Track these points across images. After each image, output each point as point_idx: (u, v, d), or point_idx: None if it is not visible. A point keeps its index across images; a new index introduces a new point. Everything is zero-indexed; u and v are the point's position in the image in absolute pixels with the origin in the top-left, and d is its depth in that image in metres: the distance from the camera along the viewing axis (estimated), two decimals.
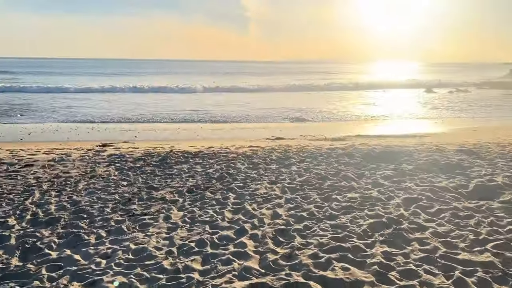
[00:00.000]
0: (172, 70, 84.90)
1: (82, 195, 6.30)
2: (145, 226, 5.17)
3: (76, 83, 41.42)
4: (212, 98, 29.72)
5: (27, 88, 33.91)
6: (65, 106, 24.27)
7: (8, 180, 7.00)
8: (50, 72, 67.36)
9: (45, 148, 10.16)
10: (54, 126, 16.88)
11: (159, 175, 7.42)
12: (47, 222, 5.28)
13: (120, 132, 15.37)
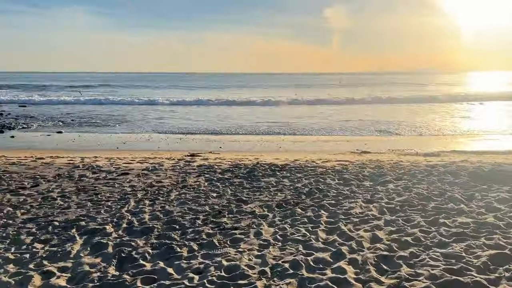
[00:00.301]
0: (253, 83, 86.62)
1: (174, 205, 6.32)
2: (236, 241, 4.97)
3: (167, 96, 43.84)
4: (293, 110, 29.52)
5: (124, 101, 36.53)
6: (157, 117, 25.58)
7: (106, 188, 7.29)
8: (146, 85, 72.26)
9: (139, 157, 10.58)
10: (146, 136, 17.77)
11: (247, 188, 7.26)
12: (142, 232, 5.31)
13: (206, 142, 15.71)
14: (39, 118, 25.14)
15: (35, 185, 7.39)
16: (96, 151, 13.22)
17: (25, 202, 6.48)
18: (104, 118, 25.31)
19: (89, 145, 16.27)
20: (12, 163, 9.33)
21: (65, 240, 5.06)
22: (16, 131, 19.92)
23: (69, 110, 29.61)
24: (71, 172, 8.38)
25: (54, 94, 47.83)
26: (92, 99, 38.28)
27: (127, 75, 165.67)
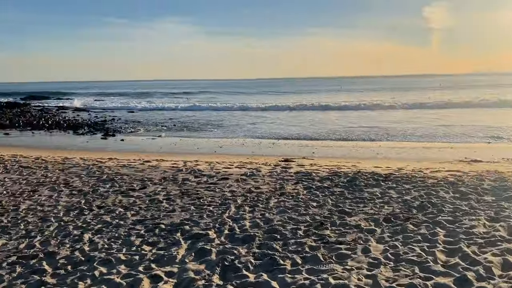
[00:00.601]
0: (347, 87, 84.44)
1: (274, 213, 6.13)
2: (342, 257, 4.59)
3: (260, 101, 44.62)
4: (390, 115, 27.97)
5: (220, 107, 37.92)
6: (250, 122, 26.02)
7: (208, 192, 7.37)
8: (240, 92, 74.59)
9: (237, 162, 10.67)
10: (240, 141, 18.08)
11: (349, 198, 6.81)
12: (243, 240, 5.19)
13: (298, 148, 15.46)
14: (145, 123, 27.03)
15: (143, 187, 7.75)
16: (196, 155, 13.70)
17: (135, 203, 6.79)
18: (203, 123, 26.39)
19: (189, 148, 16.98)
20: (123, 165, 9.98)
21: (170, 244, 5.13)
22: (125, 135, 21.60)
23: (171, 116, 31.47)
24: (175, 176, 8.68)
25: (158, 101, 51.46)
26: (191, 105, 40.34)
27: (223, 82, 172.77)
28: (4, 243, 5.27)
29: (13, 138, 20.75)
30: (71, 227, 5.75)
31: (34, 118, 28.89)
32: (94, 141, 19.21)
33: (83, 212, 6.39)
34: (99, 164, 10.09)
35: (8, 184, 8.14)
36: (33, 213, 6.38)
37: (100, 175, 8.78)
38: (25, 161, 10.60)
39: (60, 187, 7.86)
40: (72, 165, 9.99)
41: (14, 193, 7.52)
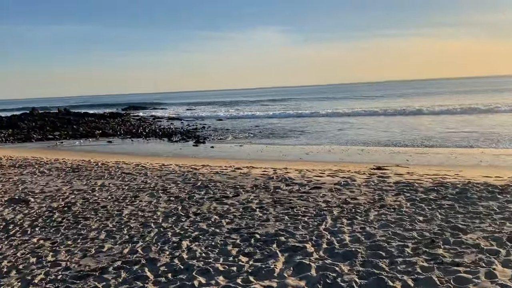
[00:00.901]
0: (440, 90, 78.89)
1: (375, 227, 5.63)
2: (462, 282, 3.99)
3: (344, 107, 43.45)
4: (493, 119, 25.33)
5: (305, 113, 37.57)
6: (336, 128, 25.30)
7: (301, 201, 7.08)
8: (324, 97, 73.59)
9: (327, 170, 10.25)
10: (327, 148, 17.56)
11: (461, 213, 6.05)
12: (344, 255, 4.79)
13: (389, 154, 14.54)
14: (233, 130, 27.65)
15: (236, 194, 7.70)
16: (283, 162, 13.51)
17: (229, 211, 6.72)
18: (288, 130, 26.28)
19: (275, 155, 16.89)
20: (216, 172, 10.10)
21: (267, 255, 4.92)
22: (215, 142, 22.23)
23: (258, 123, 31.87)
24: (267, 183, 8.53)
25: (246, 109, 52.64)
26: (278, 113, 40.53)
27: (308, 88, 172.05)
28: (110, 247, 5.47)
29: (116, 145, 22.45)
30: (169, 234, 5.82)
31: (133, 127, 31.09)
32: (187, 148, 20.02)
33: (181, 219, 6.47)
34: (193, 171, 10.34)
35: (112, 190, 8.63)
36: (135, 219, 6.61)
37: (195, 182, 8.94)
38: (127, 168, 11.25)
39: (158, 193, 8.12)
40: (169, 172, 10.37)
41: (117, 198, 7.92)
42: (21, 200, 8.02)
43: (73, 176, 10.22)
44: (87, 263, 4.99)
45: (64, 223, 6.57)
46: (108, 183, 9.24)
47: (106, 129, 29.86)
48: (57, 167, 11.66)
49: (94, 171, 10.86)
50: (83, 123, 33.64)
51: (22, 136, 27.66)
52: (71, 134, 27.99)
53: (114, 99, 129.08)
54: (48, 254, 5.33)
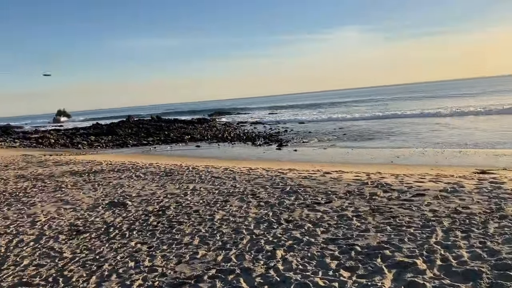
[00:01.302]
0: None
1: (499, 243, 4.79)
2: None
3: (437, 106, 40.48)
4: None
5: (392, 114, 35.62)
6: (428, 130, 23.49)
7: (403, 210, 6.37)
8: (414, 96, 69.53)
9: (428, 175, 9.30)
10: (419, 150, 16.29)
11: None
12: (464, 275, 4.08)
13: (492, 157, 13.00)
14: (315, 133, 27.04)
15: (328, 201, 7.21)
16: (373, 166, 12.67)
17: (322, 219, 6.27)
18: (374, 132, 25.03)
19: (362, 158, 16.04)
20: (304, 177, 9.69)
21: (371, 271, 4.38)
22: (298, 145, 21.85)
23: (341, 125, 30.86)
24: (361, 189, 7.90)
25: (328, 111, 51.58)
26: (363, 115, 39.01)
27: (396, 88, 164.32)
28: (204, 254, 5.33)
29: (203, 150, 23.11)
30: (262, 241, 5.53)
31: (219, 132, 31.91)
32: (270, 152, 19.90)
33: (272, 226, 6.16)
34: (281, 175, 10.03)
35: (203, 194, 8.63)
36: (226, 224, 6.45)
37: (283, 187, 8.61)
38: (216, 172, 11.31)
39: (248, 198, 7.93)
40: (256, 176, 10.18)
41: (209, 202, 7.87)
42: (120, 204, 8.35)
43: (166, 180, 10.49)
44: (183, 270, 4.87)
45: (159, 227, 6.62)
46: (199, 187, 9.29)
47: (194, 134, 31.01)
48: (152, 171, 12.11)
49: (185, 175, 11.07)
50: (174, 129, 35.35)
51: (119, 142, 29.78)
52: (163, 139, 29.49)
53: (197, 106, 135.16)
54: (145, 259, 5.34)
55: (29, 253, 5.93)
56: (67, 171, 13.38)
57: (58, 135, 36.57)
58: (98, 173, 12.50)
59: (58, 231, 6.84)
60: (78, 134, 37.06)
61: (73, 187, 10.47)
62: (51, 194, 9.79)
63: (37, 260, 5.65)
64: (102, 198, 9.01)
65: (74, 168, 13.86)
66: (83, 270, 5.17)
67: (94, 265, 5.28)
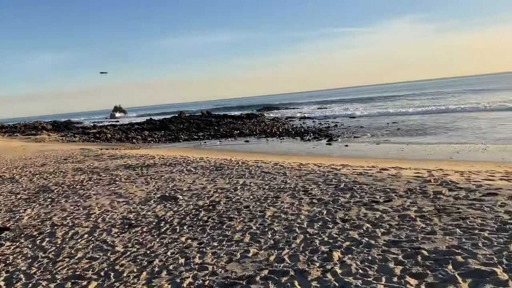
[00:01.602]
0: None
1: None
2: None
3: (500, 99, 37.77)
4: None
5: (450, 109, 33.69)
6: (489, 125, 21.83)
7: (473, 211, 5.73)
8: (473, 89, 65.54)
9: (493, 172, 8.47)
10: (479, 146, 15.15)
11: None
12: None
13: None
14: (367, 128, 26.06)
15: (387, 199, 6.68)
16: (431, 162, 11.87)
17: (382, 219, 5.78)
18: (430, 127, 23.71)
19: (418, 154, 15.17)
20: (359, 173, 9.15)
21: (443, 279, 3.89)
22: (348, 140, 21.11)
23: (395, 120, 29.55)
24: (423, 187, 7.28)
25: (380, 105, 49.80)
26: (417, 109, 37.23)
27: (454, 80, 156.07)
28: (256, 253, 5.05)
29: (252, 144, 22.97)
30: (317, 242, 5.16)
31: (267, 127, 31.68)
32: (320, 147, 19.36)
33: (327, 225, 5.76)
34: (334, 171, 9.55)
35: (253, 189, 8.37)
36: (278, 221, 6.13)
37: (337, 183, 8.15)
38: (266, 167, 11.02)
39: (300, 194, 7.55)
40: (308, 172, 9.77)
41: (259, 198, 7.59)
42: (171, 197, 8.28)
43: (216, 175, 10.35)
44: (234, 269, 4.62)
45: (210, 222, 6.43)
46: (249, 182, 9.04)
47: (243, 129, 31.01)
48: (202, 165, 12.05)
49: (235, 169, 10.87)
50: (223, 124, 35.60)
51: (172, 137, 30.40)
52: (213, 134, 29.76)
53: (246, 101, 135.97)
54: (195, 256, 5.15)
55: (83, 246, 5.96)
56: (122, 164, 13.68)
57: (114, 130, 38.08)
58: (150, 167, 12.64)
59: (111, 224, 6.86)
60: (132, 129, 38.37)
61: (126, 181, 10.61)
62: (105, 187, 9.97)
63: (90, 253, 5.65)
64: (154, 191, 9.02)
65: (128, 162, 14.15)
66: (134, 265, 5.07)
67: (144, 260, 5.17)
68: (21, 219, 7.73)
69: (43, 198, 9.34)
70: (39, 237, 6.54)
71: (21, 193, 10.14)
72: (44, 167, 14.75)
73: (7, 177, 12.90)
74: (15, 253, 5.96)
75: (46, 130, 44.39)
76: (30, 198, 9.53)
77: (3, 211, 8.45)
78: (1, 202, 9.35)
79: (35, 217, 7.80)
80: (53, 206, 8.51)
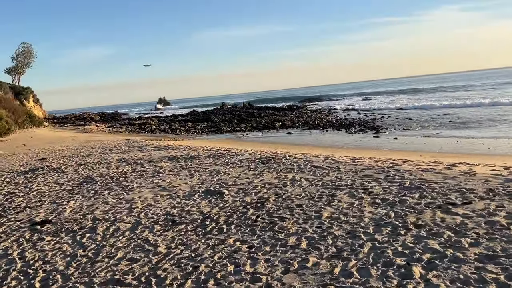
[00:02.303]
0: None
1: None
2: None
3: None
4: None
5: (503, 102, 31.18)
6: None
7: None
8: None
9: None
10: None
11: None
12: None
13: None
14: (416, 120, 24.49)
15: (466, 202, 5.66)
16: (498, 157, 10.57)
17: (465, 226, 4.79)
18: (486, 119, 21.83)
19: (476, 148, 13.83)
20: (425, 169, 8.08)
21: None
22: (397, 133, 19.78)
23: (446, 111, 27.64)
24: (507, 188, 6.16)
25: (429, 97, 47.20)
26: (467, 102, 34.78)
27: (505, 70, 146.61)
28: (316, 262, 4.27)
29: (295, 136, 22.09)
30: (389, 252, 4.30)
31: (310, 119, 30.65)
32: (367, 140, 18.23)
33: (398, 231, 4.87)
34: (395, 167, 8.53)
35: (305, 185, 7.56)
36: (338, 224, 5.30)
37: (401, 181, 7.15)
38: (316, 161, 10.14)
39: (359, 193, 6.66)
40: (364, 167, 8.79)
41: (312, 196, 6.78)
42: (217, 192, 7.65)
43: (263, 168, 9.60)
44: (292, 283, 3.87)
45: (259, 222, 5.71)
46: (299, 177, 8.22)
47: (285, 121, 30.17)
48: (247, 158, 11.35)
49: (282, 163, 10.07)
50: (265, 116, 34.89)
51: (214, 128, 30.07)
52: (255, 126, 29.13)
53: (291, 92, 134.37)
54: (246, 262, 4.44)
55: (123, 244, 5.42)
56: (165, 156, 13.27)
57: (158, 122, 38.36)
58: (194, 158, 12.11)
59: (154, 221, 6.29)
60: (176, 120, 38.48)
61: (170, 173, 10.12)
62: (149, 180, 9.51)
63: (131, 253, 5.09)
64: (198, 185, 8.42)
65: (171, 154, 13.72)
66: (177, 270, 4.44)
67: (189, 265, 4.53)
68: (63, 211, 7.37)
69: (87, 190, 9.00)
70: (80, 233, 6.09)
71: (65, 184, 9.90)
72: (90, 157, 14.64)
73: (54, 167, 12.82)
74: (54, 249, 5.53)
75: (94, 121, 45.60)
76: (73, 189, 9.23)
77: (47, 203, 8.17)
78: (46, 193, 9.12)
79: (77, 210, 7.41)
80: (95, 199, 8.12)
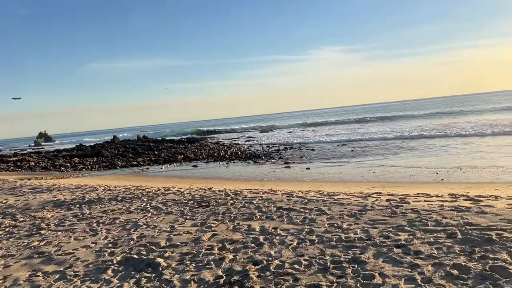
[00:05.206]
0: None
1: None
2: None
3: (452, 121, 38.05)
4: None
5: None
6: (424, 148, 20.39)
7: None
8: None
9: None
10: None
11: None
12: None
13: None
14: (321, 151, 23.55)
15: None
16: (434, 185, 9.18)
17: None
18: (381, 148, 21.75)
19: (400, 176, 12.65)
20: (454, 207, 5.73)
21: None
22: (304, 163, 18.24)
23: (344, 143, 27.50)
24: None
25: (326, 129, 48.30)
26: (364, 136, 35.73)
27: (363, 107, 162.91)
28: None
29: (204, 169, 19.00)
30: None
31: (213, 151, 27.86)
32: (281, 170, 16.13)
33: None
34: (404, 206, 5.97)
35: (291, 243, 4.60)
36: None
37: (442, 228, 4.71)
38: (278, 199, 7.25)
39: (398, 255, 4.01)
40: (356, 205, 6.18)
41: (323, 264, 3.89)
42: (145, 264, 4.26)
43: (205, 215, 6.36)
44: None
45: None
46: (273, 228, 5.27)
47: (187, 153, 26.83)
48: (174, 199, 7.93)
49: (231, 205, 6.96)
50: (164, 149, 31.01)
51: (106, 163, 25.14)
52: (154, 160, 25.17)
53: (190, 125, 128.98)
54: None
55: None
56: (50, 200, 9.02)
57: (38, 158, 31.32)
58: (94, 203, 8.21)
59: None
60: (60, 156, 31.94)
61: (58, 228, 6.23)
62: (23, 242, 5.54)
63: None
64: (109, 249, 4.87)
65: (58, 197, 9.48)
66: None
67: None
68: None
69: None
70: None
71: None
72: None
73: None
74: None
75: None
76: None
77: None
78: None
79: None
80: None
